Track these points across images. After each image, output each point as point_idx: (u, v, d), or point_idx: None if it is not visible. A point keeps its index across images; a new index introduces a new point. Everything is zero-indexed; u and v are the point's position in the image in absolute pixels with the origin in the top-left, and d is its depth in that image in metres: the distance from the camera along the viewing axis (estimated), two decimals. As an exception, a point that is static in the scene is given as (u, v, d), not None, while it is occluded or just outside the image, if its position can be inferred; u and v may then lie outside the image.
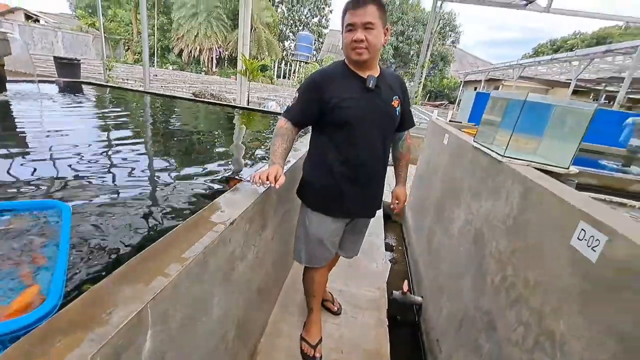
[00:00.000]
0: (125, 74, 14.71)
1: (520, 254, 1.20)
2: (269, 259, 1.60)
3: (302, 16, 34.89)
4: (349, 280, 2.41)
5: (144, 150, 2.25)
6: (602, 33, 28.11)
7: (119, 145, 2.22)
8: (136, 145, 2.30)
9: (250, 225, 1.14)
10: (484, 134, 1.88)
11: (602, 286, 0.81)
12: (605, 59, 10.92)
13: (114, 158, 1.95)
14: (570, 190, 1.09)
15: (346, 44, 1.28)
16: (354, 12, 1.24)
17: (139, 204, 1.37)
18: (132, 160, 1.94)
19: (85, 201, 1.32)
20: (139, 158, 2.00)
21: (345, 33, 1.28)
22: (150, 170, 1.85)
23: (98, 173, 1.66)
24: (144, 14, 5.33)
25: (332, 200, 1.45)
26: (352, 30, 1.26)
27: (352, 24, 1.24)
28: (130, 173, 1.73)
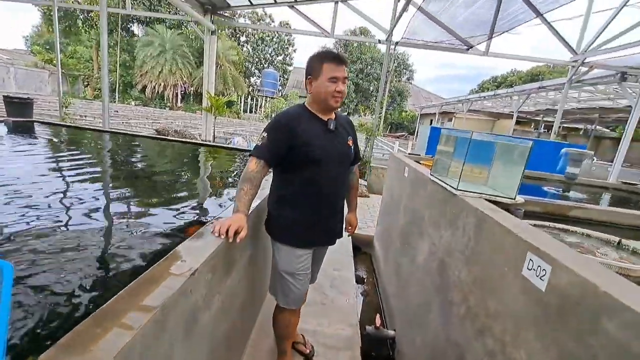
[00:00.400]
0: (83, 110, 14.14)
1: (479, 283, 1.26)
2: (236, 304, 1.53)
3: (267, 54, 36.21)
4: (322, 318, 2.34)
5: (101, 194, 2.13)
6: (535, 71, 31.96)
7: (72, 190, 2.09)
8: (91, 189, 2.18)
9: (214, 274, 1.10)
10: (439, 168, 2.01)
11: (553, 313, 0.86)
12: (540, 94, 12.34)
13: (66, 203, 1.82)
14: (519, 221, 1.19)
15: (329, 92, 1.42)
16: (336, 68, 1.40)
17: (93, 254, 1.28)
18: (87, 205, 1.82)
19: (31, 254, 1.21)
20: (95, 203, 1.89)
21: (328, 83, 1.41)
22: (107, 216, 1.75)
23: (47, 221, 1.54)
24: (104, 49, 5.27)
25: (299, 233, 1.54)
26: (335, 82, 1.40)
27: (336, 77, 1.40)
28: (84, 219, 1.62)
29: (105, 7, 5.21)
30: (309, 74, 1.47)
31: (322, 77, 1.41)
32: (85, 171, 2.64)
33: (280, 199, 1.55)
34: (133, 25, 31.29)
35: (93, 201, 1.90)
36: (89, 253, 1.29)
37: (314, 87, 1.45)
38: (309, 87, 1.48)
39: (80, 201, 1.87)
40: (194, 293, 0.94)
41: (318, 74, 1.42)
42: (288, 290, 1.59)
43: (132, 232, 1.54)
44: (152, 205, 2.03)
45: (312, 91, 1.47)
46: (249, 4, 7.52)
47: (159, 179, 2.68)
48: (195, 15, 6.86)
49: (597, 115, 16.54)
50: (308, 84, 1.49)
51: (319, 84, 1.42)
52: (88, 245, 1.36)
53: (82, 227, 1.53)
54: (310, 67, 1.47)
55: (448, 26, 6.12)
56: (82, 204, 1.83)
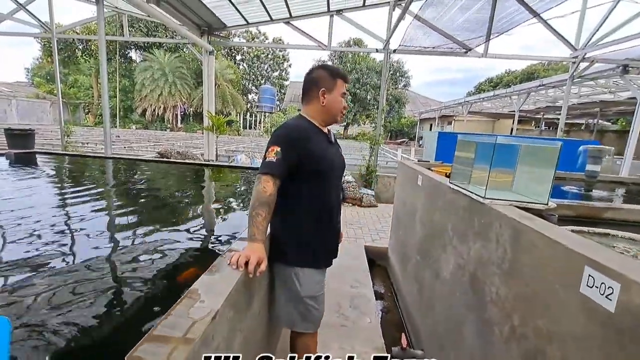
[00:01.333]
0: (85, 137, 14.27)
1: (524, 301, 1.15)
2: (257, 336, 1.42)
3: (263, 71, 36.74)
4: (344, 342, 2.21)
5: (105, 222, 2.05)
6: (530, 70, 32.17)
7: (75, 220, 2.01)
8: (96, 217, 2.10)
9: (235, 312, 1.00)
10: (459, 175, 1.92)
11: (628, 337, 0.75)
12: (540, 92, 12.31)
13: (70, 234, 1.74)
14: (566, 231, 1.08)
15: (340, 108, 1.47)
16: (344, 85, 1.47)
17: (100, 287, 1.18)
18: (91, 234, 1.74)
19: (33, 288, 1.12)
20: (100, 232, 1.81)
21: (340, 98, 1.46)
22: (114, 245, 1.66)
23: (50, 253, 1.45)
24: (104, 77, 5.30)
25: (318, 251, 1.47)
26: (343, 98, 1.47)
27: (345, 94, 1.47)
28: (88, 250, 1.53)
29: (104, 35, 5.26)
30: (321, 85, 1.43)
31: (335, 92, 1.44)
32: (89, 200, 2.57)
33: (289, 220, 1.43)
34: (131, 51, 31.98)
35: (98, 230, 1.82)
36: (95, 287, 1.20)
37: (327, 99, 1.43)
38: (322, 98, 1.44)
39: (84, 230, 1.79)
40: (216, 338, 0.84)
41: (332, 87, 1.43)
42: (308, 313, 1.47)
43: (141, 260, 1.45)
44: (160, 230, 1.94)
45: (325, 104, 1.44)
46: (245, 23, 7.61)
47: (165, 203, 2.61)
48: (192, 38, 6.93)
49: (599, 109, 16.47)
50: (321, 95, 1.43)
51: (333, 99, 1.45)
52: (94, 278, 1.27)
53: (88, 258, 1.44)
54: (321, 80, 1.44)
55: (445, 31, 6.13)
56: (86, 234, 1.74)
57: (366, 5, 7.31)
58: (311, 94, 1.46)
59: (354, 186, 6.37)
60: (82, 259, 1.46)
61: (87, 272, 1.33)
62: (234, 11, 6.97)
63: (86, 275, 1.30)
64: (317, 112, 1.47)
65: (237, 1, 6.51)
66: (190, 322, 0.77)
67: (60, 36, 8.62)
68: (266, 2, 6.75)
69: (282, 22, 7.65)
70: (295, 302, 1.45)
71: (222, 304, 0.87)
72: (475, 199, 1.60)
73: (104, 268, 1.39)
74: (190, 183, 3.75)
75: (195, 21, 7.15)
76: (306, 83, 1.50)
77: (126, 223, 2.08)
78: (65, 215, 2.17)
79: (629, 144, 6.23)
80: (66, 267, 1.38)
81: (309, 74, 1.49)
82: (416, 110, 32.32)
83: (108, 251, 1.59)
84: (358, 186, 6.58)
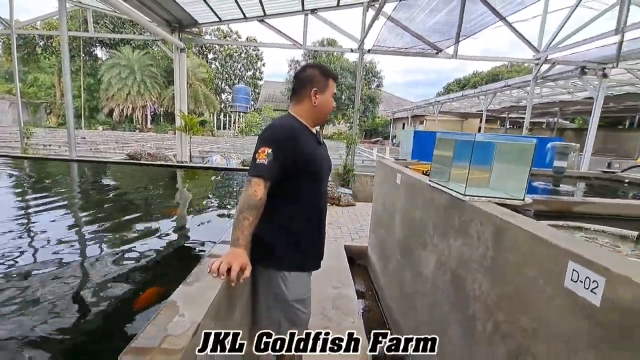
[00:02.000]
0: (47, 139, 13.36)
1: (508, 297, 1.16)
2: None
3: (236, 70, 36.05)
4: (327, 345, 2.17)
5: (67, 233, 1.89)
6: (495, 71, 33.78)
7: (35, 230, 1.84)
8: (61, 225, 1.93)
9: (217, 321, 0.94)
10: (438, 173, 1.94)
11: (615, 331, 0.77)
12: (505, 92, 12.92)
13: (32, 243, 1.58)
14: (545, 227, 1.10)
15: (331, 108, 1.48)
16: (334, 85, 1.47)
17: (64, 298, 1.07)
18: (55, 242, 1.59)
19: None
20: (65, 239, 1.66)
21: (331, 99, 1.47)
22: (81, 252, 1.53)
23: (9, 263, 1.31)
24: (67, 75, 4.94)
25: (308, 253, 1.44)
26: (332, 98, 1.47)
27: (335, 93, 1.48)
28: (52, 258, 1.40)
29: (66, 31, 4.92)
30: (314, 85, 1.40)
31: (327, 93, 1.44)
32: (51, 207, 2.37)
33: (277, 221, 1.37)
34: (96, 48, 30.33)
35: (63, 237, 1.67)
36: (59, 297, 1.08)
37: (319, 99, 1.41)
38: (314, 98, 1.40)
39: (47, 239, 1.64)
40: (198, 356, 0.78)
41: (325, 87, 1.42)
42: (295, 317, 1.42)
43: (109, 270, 1.34)
44: (130, 239, 1.81)
45: (317, 104, 1.41)
46: (218, 20, 7.40)
47: (135, 208, 2.46)
48: (162, 34, 6.64)
49: (558, 109, 17.55)
50: (313, 95, 1.40)
51: (325, 99, 1.43)
52: (58, 289, 1.15)
53: (52, 267, 1.31)
54: (314, 79, 1.41)
55: (417, 32, 6.26)
56: (46, 242, 1.59)
57: (340, 5, 7.33)
58: (303, 93, 1.42)
59: (331, 185, 6.36)
60: (39, 271, 1.33)
61: (43, 285, 1.21)
62: (206, 8, 6.75)
63: (43, 289, 1.18)
64: (307, 112, 1.43)
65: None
66: (170, 339, 0.70)
67: (20, 32, 8.01)
68: (240, 0, 6.59)
69: (256, 19, 7.51)
70: (282, 307, 1.39)
71: (203, 316, 0.80)
72: (455, 196, 1.61)
73: (62, 282, 1.27)
74: (163, 186, 3.57)
75: (165, 17, 6.86)
76: (298, 82, 1.45)
77: (93, 231, 1.93)
78: (24, 223, 1.98)
79: (588, 140, 6.67)
80: (19, 281, 1.24)
81: (301, 72, 1.45)
82: (389, 110, 32.98)
83: (70, 263, 1.46)
84: (336, 185, 6.59)
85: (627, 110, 16.75)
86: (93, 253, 1.57)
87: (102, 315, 1.06)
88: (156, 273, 1.33)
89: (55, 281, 1.24)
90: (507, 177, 1.65)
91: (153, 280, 1.30)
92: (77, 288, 1.24)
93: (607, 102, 11.78)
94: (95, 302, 1.13)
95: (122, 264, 1.42)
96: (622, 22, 5.07)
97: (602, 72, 6.59)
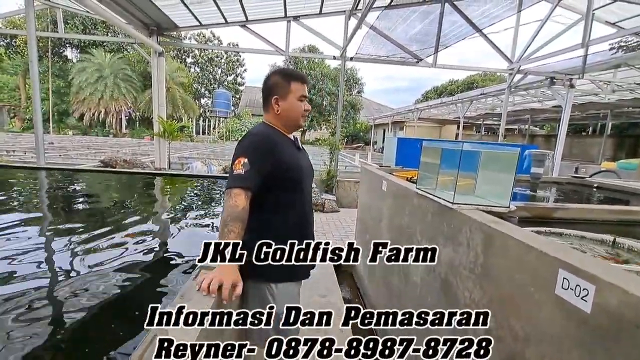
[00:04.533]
0: (10, 144, 12.60)
1: (499, 304, 1.18)
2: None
3: (216, 75, 35.57)
4: (316, 355, 2.14)
5: (42, 251, 1.76)
6: (470, 80, 35.10)
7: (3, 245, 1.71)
8: (28, 241, 1.80)
9: (208, 341, 0.89)
10: (425, 181, 1.97)
11: (606, 337, 0.79)
12: (480, 100, 13.44)
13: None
14: (534, 234, 1.14)
15: (300, 112, 1.39)
16: (302, 87, 1.38)
17: (39, 316, 0.99)
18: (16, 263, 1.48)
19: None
20: (35, 254, 1.55)
21: (297, 102, 1.38)
22: (51, 268, 1.43)
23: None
24: (35, 76, 4.68)
25: (294, 264, 1.37)
26: (303, 101, 1.39)
27: (304, 96, 1.39)
28: (20, 273, 1.29)
29: (34, 31, 4.67)
30: (274, 93, 1.38)
31: (291, 97, 1.37)
32: (17, 220, 2.21)
33: (261, 232, 1.33)
34: (66, 49, 29.07)
35: (32, 252, 1.56)
36: (33, 315, 1.00)
37: (281, 107, 1.37)
38: (276, 107, 1.38)
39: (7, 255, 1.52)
40: (192, 379, 0.73)
41: (286, 93, 1.36)
42: (287, 330, 1.38)
43: (85, 287, 1.26)
44: (103, 250, 1.72)
45: (280, 111, 1.38)
46: (198, 24, 7.29)
47: (110, 219, 2.34)
48: (140, 37, 6.45)
49: (529, 116, 18.43)
50: (274, 103, 1.38)
51: (289, 104, 1.38)
52: (33, 306, 1.07)
53: (21, 283, 1.22)
54: (275, 86, 1.38)
55: (399, 42, 6.41)
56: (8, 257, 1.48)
57: (322, 13, 7.40)
58: (267, 102, 1.41)
59: (315, 192, 6.35)
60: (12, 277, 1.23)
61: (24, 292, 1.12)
62: (186, 11, 6.64)
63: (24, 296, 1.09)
64: (275, 120, 1.42)
65: (189, 1, 6.20)
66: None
67: (-23, 29, 7.52)
68: (221, 4, 6.52)
69: (238, 25, 7.45)
70: (274, 319, 1.35)
71: (195, 338, 0.76)
72: (443, 204, 1.64)
73: (43, 289, 1.18)
74: (141, 195, 3.43)
75: (142, 20, 6.68)
76: (262, 91, 1.45)
77: (63, 245, 1.81)
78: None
79: (557, 146, 7.02)
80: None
81: (265, 81, 1.43)
82: (370, 116, 33.53)
83: (45, 272, 1.36)
84: (319, 192, 6.58)
85: (590, 118, 17.84)
86: (62, 266, 1.47)
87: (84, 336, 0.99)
88: (127, 290, 1.26)
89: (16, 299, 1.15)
90: (492, 185, 1.70)
91: (126, 297, 1.22)
92: (42, 304, 1.15)
93: (573, 110, 12.49)
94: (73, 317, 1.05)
95: (90, 279, 1.34)
96: (587, 37, 5.41)
97: (569, 83, 6.99)
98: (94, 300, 1.12)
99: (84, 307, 1.08)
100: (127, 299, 1.17)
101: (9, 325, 0.92)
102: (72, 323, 0.97)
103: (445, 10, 5.30)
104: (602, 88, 9.31)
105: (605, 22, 6.55)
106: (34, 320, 0.97)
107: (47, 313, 1.01)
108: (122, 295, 1.19)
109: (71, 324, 0.97)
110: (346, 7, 7.16)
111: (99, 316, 1.06)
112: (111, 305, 1.11)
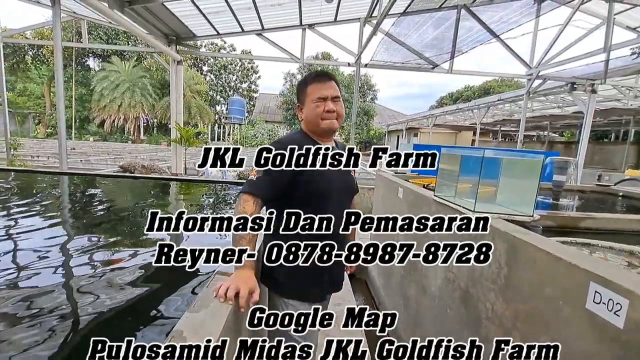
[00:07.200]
0: (35, 150, 13.14)
1: (525, 318, 1.14)
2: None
3: (231, 82, 36.23)
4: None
5: (60, 256, 1.81)
6: (486, 85, 34.51)
7: (21, 249, 1.77)
8: (51, 243, 1.86)
9: (223, 348, 0.89)
10: (444, 188, 1.93)
11: (639, 353, 0.75)
12: (497, 106, 13.19)
13: (20, 262, 1.51)
14: (561, 245, 1.09)
15: (316, 114, 1.28)
16: (322, 86, 1.28)
17: (57, 324, 1.01)
18: (46, 262, 1.53)
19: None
20: (56, 259, 1.59)
21: (314, 105, 1.28)
22: (70, 274, 1.46)
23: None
24: (60, 85, 4.89)
25: (308, 283, 1.30)
26: (323, 101, 1.28)
27: (324, 97, 1.27)
28: (42, 280, 1.33)
29: (60, 41, 4.89)
30: (298, 100, 1.36)
31: (308, 101, 1.31)
32: (40, 224, 2.29)
33: (277, 245, 1.29)
34: (89, 58, 30.29)
35: (53, 257, 1.61)
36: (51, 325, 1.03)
37: (304, 113, 1.33)
38: (300, 114, 1.36)
39: (38, 258, 1.57)
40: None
41: (304, 98, 1.32)
42: (294, 346, 1.31)
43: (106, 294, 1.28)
44: (125, 259, 1.75)
45: (303, 118, 1.34)
46: (216, 33, 7.47)
47: (131, 223, 2.39)
48: (159, 46, 6.66)
49: (548, 123, 17.95)
50: (299, 111, 1.37)
51: (308, 108, 1.31)
52: (48, 314, 1.09)
53: (40, 291, 1.25)
54: (298, 93, 1.36)
55: (414, 48, 6.39)
56: (40, 261, 1.53)
57: (338, 20, 7.47)
58: (296, 112, 1.40)
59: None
60: (23, 295, 1.26)
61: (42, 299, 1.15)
62: (205, 21, 6.82)
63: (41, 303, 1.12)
64: (305, 127, 1.38)
65: (208, 12, 6.38)
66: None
67: (8, 41, 7.94)
68: (238, 14, 6.68)
69: (254, 33, 7.60)
70: (283, 335, 1.29)
71: (212, 347, 0.76)
72: (464, 212, 1.60)
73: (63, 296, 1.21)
74: (159, 199, 3.51)
75: (162, 30, 6.90)
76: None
77: (86, 250, 1.86)
78: (8, 241, 1.91)
79: (580, 153, 6.79)
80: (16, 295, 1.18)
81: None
82: (383, 122, 33.40)
83: (66, 277, 1.40)
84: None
85: (612, 124, 17.21)
86: (83, 272, 1.51)
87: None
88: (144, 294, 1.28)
89: (43, 297, 1.19)
90: (514, 193, 1.65)
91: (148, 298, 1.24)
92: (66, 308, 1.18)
93: (595, 116, 12.10)
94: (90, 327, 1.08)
95: (113, 284, 1.36)
96: (608, 41, 5.26)
97: (591, 88, 6.79)
98: (110, 303, 1.14)
99: (99, 310, 1.09)
100: (143, 302, 1.18)
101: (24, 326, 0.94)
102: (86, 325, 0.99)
103: (461, 17, 5.26)
104: (625, 94, 9.00)
105: (626, 27, 6.36)
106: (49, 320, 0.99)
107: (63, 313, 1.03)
108: (140, 298, 1.20)
109: (86, 325, 0.99)
110: (361, 14, 7.21)
111: (113, 320, 1.08)
112: (126, 309, 1.13)
